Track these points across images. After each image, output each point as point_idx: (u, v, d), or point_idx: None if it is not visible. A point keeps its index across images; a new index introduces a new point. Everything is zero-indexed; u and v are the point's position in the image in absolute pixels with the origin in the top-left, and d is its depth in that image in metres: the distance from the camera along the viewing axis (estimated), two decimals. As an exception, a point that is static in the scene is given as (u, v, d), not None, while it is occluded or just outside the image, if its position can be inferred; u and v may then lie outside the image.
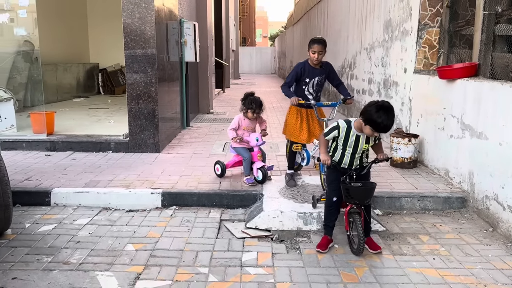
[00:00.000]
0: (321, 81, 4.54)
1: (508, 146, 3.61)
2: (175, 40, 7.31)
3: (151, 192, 4.35)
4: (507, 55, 4.09)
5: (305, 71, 4.47)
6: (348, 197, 3.28)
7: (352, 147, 3.30)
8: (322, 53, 4.38)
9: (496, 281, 2.95)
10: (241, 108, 4.74)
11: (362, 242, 3.22)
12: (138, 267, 3.11)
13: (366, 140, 3.29)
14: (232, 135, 4.69)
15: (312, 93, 4.53)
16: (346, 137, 3.30)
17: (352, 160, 3.35)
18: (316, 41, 4.38)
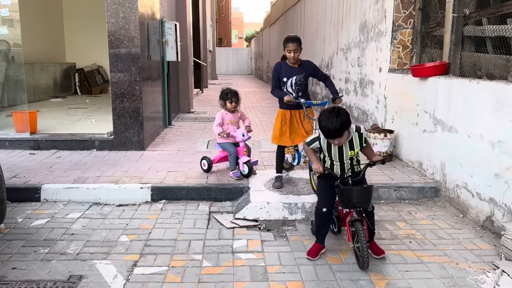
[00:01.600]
0: (300, 80, 4.42)
1: (476, 138, 3.92)
2: (157, 39, 7.42)
3: (141, 187, 4.48)
4: (474, 54, 4.41)
5: (282, 70, 4.44)
6: (346, 201, 3.07)
7: (337, 157, 3.16)
8: (297, 51, 4.31)
9: (466, 259, 3.24)
10: (220, 103, 4.93)
11: (366, 255, 2.95)
12: (134, 255, 3.25)
13: (350, 146, 3.14)
14: (218, 131, 4.85)
15: (291, 92, 4.43)
16: (328, 148, 3.18)
17: (343, 168, 3.20)
18: (290, 40, 4.34)
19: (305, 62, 4.52)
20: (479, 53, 4.34)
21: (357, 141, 3.16)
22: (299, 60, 4.45)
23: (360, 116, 7.41)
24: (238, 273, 3.03)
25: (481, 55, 4.28)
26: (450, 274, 3.02)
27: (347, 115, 3.00)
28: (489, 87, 3.71)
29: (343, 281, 2.93)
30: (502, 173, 3.53)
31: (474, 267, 3.12)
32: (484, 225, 3.79)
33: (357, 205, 3.08)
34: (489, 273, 3.02)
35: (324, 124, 2.98)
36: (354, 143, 3.15)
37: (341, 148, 3.14)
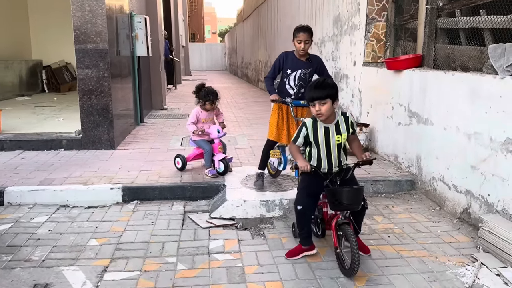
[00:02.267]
0: (305, 75, 4.07)
1: (452, 130, 3.91)
2: (126, 34, 7.16)
3: (111, 188, 4.29)
4: (448, 47, 4.41)
5: (287, 61, 4.08)
6: (336, 203, 2.87)
7: (324, 143, 3.00)
8: (308, 42, 3.96)
9: (445, 253, 3.21)
10: (197, 101, 4.77)
11: (358, 260, 2.72)
12: (104, 260, 3.08)
13: (336, 130, 3.01)
14: (192, 129, 4.71)
15: (293, 87, 4.09)
16: (315, 132, 3.01)
17: (330, 161, 3.04)
18: (301, 29, 3.96)
19: (313, 56, 4.18)
20: (453, 45, 4.34)
21: (344, 125, 3.04)
22: (308, 54, 4.11)
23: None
24: (214, 275, 2.91)
25: (455, 47, 4.28)
26: (430, 269, 2.98)
27: (335, 84, 3.01)
28: (465, 79, 3.70)
29: (323, 280, 2.85)
30: (479, 164, 3.53)
31: (453, 260, 3.09)
32: (461, 217, 3.79)
33: (348, 207, 2.88)
34: (468, 266, 3.00)
35: (309, 85, 3.00)
36: (341, 126, 3.03)
37: (328, 132, 3.00)
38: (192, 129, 4.70)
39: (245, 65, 21.14)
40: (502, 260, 2.96)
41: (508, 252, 2.91)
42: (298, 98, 4.10)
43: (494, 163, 3.33)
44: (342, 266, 2.90)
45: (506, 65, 3.10)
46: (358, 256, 2.72)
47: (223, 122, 4.91)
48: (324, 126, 3.01)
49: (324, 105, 2.90)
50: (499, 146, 3.28)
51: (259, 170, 4.37)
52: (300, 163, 2.97)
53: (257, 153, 5.74)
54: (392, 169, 4.94)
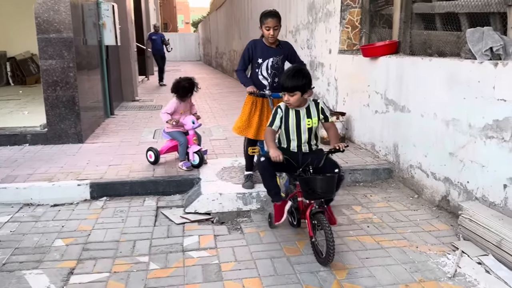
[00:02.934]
0: (277, 62, 3.88)
1: (429, 117, 3.86)
2: (93, 22, 6.85)
3: (78, 184, 4.06)
4: (424, 32, 4.34)
5: (257, 50, 3.86)
6: (309, 192, 2.86)
7: (295, 126, 3.08)
8: (278, 28, 3.74)
9: (426, 242, 3.16)
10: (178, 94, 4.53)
11: (332, 247, 2.67)
12: (70, 262, 2.89)
13: (307, 114, 3.09)
14: (166, 118, 4.50)
15: (266, 77, 3.89)
16: (286, 115, 3.08)
17: (299, 141, 3.11)
18: (269, 15, 3.72)
19: (284, 43, 3.99)
20: (429, 31, 4.28)
21: (315, 110, 3.11)
22: (277, 40, 3.89)
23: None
24: (189, 274, 2.76)
25: (431, 33, 4.21)
26: (411, 259, 2.92)
27: (307, 75, 3.00)
28: (442, 64, 3.64)
29: (302, 274, 2.74)
30: (457, 151, 3.48)
31: (434, 249, 3.04)
32: (440, 205, 3.75)
33: (322, 195, 2.86)
34: (449, 254, 2.95)
35: (284, 73, 2.99)
36: (312, 111, 3.10)
37: (298, 115, 3.05)
38: (166, 118, 4.50)
39: (220, 55, 20.84)
40: (483, 247, 2.93)
41: (488, 240, 2.87)
42: (273, 88, 3.90)
43: (473, 149, 3.29)
44: (318, 255, 2.86)
45: (485, 49, 3.04)
46: (333, 245, 2.67)
47: (196, 113, 4.74)
48: (296, 109, 3.09)
49: (293, 96, 2.98)
50: (478, 132, 3.23)
51: (246, 172, 4.10)
52: (272, 152, 2.94)
53: (232, 144, 5.60)
54: (369, 157, 4.88)
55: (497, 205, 3.07)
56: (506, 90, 2.94)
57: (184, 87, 4.48)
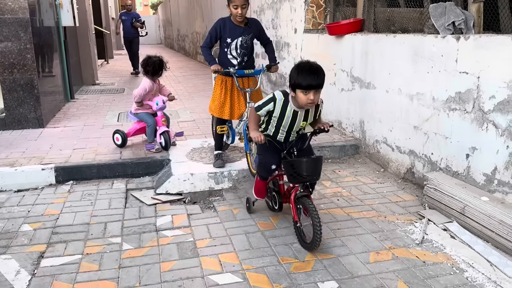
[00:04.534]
0: (246, 42, 3.78)
1: (394, 92, 3.96)
2: (49, 2, 6.53)
3: (42, 169, 3.92)
4: (388, 9, 4.42)
5: (225, 29, 3.73)
6: (294, 175, 2.70)
7: (288, 125, 2.82)
8: (245, 6, 3.62)
9: (393, 212, 3.28)
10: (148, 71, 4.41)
11: (319, 232, 2.57)
12: (40, 246, 2.81)
13: (304, 117, 2.80)
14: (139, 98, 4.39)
15: (236, 56, 3.79)
16: (282, 113, 2.76)
17: (288, 135, 2.90)
18: None
19: (252, 20, 3.85)
20: (392, 8, 4.36)
21: (313, 113, 2.82)
22: (246, 19, 3.77)
23: (278, 80, 7.30)
24: (164, 252, 2.74)
25: (395, 10, 4.30)
26: (380, 228, 3.02)
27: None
28: (406, 40, 3.73)
29: (277, 247, 2.79)
30: (422, 124, 3.61)
31: (402, 218, 3.16)
32: (405, 177, 3.89)
33: (307, 179, 2.72)
34: (417, 223, 3.08)
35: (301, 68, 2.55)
36: (310, 114, 2.80)
37: (295, 117, 2.77)
38: (139, 98, 4.38)
39: (182, 38, 20.44)
40: (447, 215, 3.07)
41: (452, 207, 3.01)
42: (242, 67, 3.81)
43: (437, 122, 3.42)
44: (302, 240, 2.76)
45: (447, 24, 3.13)
46: (320, 230, 2.58)
47: (171, 94, 4.68)
48: (295, 109, 2.74)
49: (318, 93, 2.59)
50: (441, 105, 3.35)
51: (216, 151, 4.05)
52: (253, 134, 2.76)
53: (200, 126, 5.55)
54: (336, 135, 4.97)
55: (460, 174, 3.22)
56: (468, 63, 3.06)
57: (155, 63, 4.38)
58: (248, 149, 3.77)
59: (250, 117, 2.87)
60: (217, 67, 3.69)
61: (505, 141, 2.81)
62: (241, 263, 2.61)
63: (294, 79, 2.57)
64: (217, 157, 3.99)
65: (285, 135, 2.89)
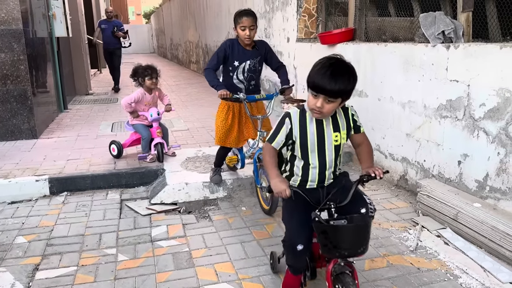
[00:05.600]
0: (254, 65, 3.49)
1: (386, 100, 4.01)
2: (42, 13, 6.54)
3: (36, 180, 3.91)
4: (378, 19, 4.49)
5: (233, 51, 3.44)
6: (330, 246, 1.90)
7: (316, 144, 2.05)
8: (254, 28, 3.36)
9: (387, 219, 3.30)
10: (136, 83, 4.44)
11: None
12: (34, 258, 2.79)
13: (334, 126, 2.06)
14: (127, 108, 4.38)
15: (242, 80, 3.51)
16: (302, 129, 2.05)
17: (322, 171, 2.09)
18: (244, 14, 3.33)
19: (260, 43, 3.56)
20: (383, 17, 4.42)
21: (343, 119, 2.09)
22: (253, 41, 3.48)
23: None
24: (160, 263, 2.74)
25: (385, 19, 4.36)
26: (375, 235, 3.04)
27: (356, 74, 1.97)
28: (397, 49, 3.78)
29: (273, 256, 2.80)
30: (414, 132, 3.65)
31: (396, 225, 3.19)
32: (399, 184, 3.92)
33: (349, 253, 1.90)
34: (410, 230, 3.11)
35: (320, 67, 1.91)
36: (340, 121, 2.08)
37: (321, 128, 2.04)
38: (127, 108, 4.37)
39: (175, 47, 20.49)
40: (441, 221, 3.10)
41: (446, 214, 3.04)
42: (249, 92, 3.51)
43: (429, 129, 3.46)
44: None
45: (437, 33, 3.19)
46: None
47: (170, 104, 4.65)
48: (316, 119, 2.04)
49: (330, 103, 1.92)
50: (432, 112, 3.40)
51: (215, 166, 3.85)
52: (275, 184, 1.93)
53: (195, 135, 5.57)
54: (330, 142, 5.00)
55: (452, 181, 3.26)
56: (458, 71, 3.11)
57: (143, 69, 4.37)
58: (259, 183, 3.45)
59: (265, 156, 2.10)
60: (225, 91, 3.29)
61: (496, 147, 2.86)
62: (237, 272, 2.61)
63: (309, 75, 1.95)
64: (215, 172, 3.81)
65: (318, 168, 2.08)
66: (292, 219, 2.09)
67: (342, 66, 1.93)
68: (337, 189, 2.09)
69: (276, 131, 2.10)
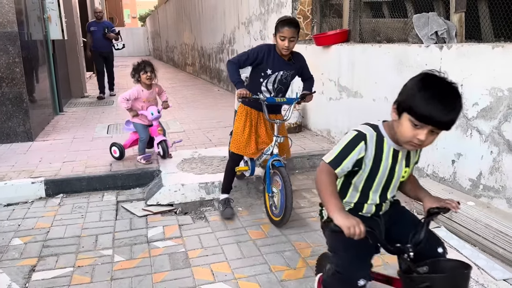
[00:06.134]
0: (286, 77, 3.26)
1: (381, 101, 4.04)
2: (37, 15, 6.54)
3: (32, 182, 3.90)
4: (373, 20, 4.53)
5: (269, 59, 3.18)
6: None
7: (384, 180, 1.74)
8: (294, 40, 3.11)
9: (382, 218, 3.33)
10: (135, 80, 4.41)
11: None
12: (31, 259, 2.79)
13: (406, 159, 1.74)
14: (124, 105, 4.31)
15: (270, 90, 3.26)
16: (377, 158, 1.69)
17: (383, 197, 1.79)
18: (286, 23, 3.08)
19: (297, 56, 3.33)
20: (377, 19, 4.46)
21: (415, 154, 1.80)
22: (291, 53, 3.24)
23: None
24: (156, 263, 2.75)
25: (380, 20, 4.40)
26: (370, 234, 3.06)
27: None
28: (391, 50, 3.82)
29: (269, 255, 2.81)
30: (408, 132, 3.67)
31: (391, 224, 3.21)
32: (394, 184, 3.95)
33: None
34: (405, 228, 3.13)
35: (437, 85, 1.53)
36: (411, 153, 1.76)
37: (395, 160, 1.71)
38: (124, 105, 4.31)
39: (171, 49, 20.51)
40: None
41: (439, 212, 3.06)
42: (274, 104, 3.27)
43: (423, 129, 3.49)
44: None
45: (431, 34, 3.22)
46: None
47: (166, 102, 4.56)
48: (395, 148, 1.70)
49: (434, 135, 1.59)
50: (426, 112, 3.43)
51: (223, 194, 3.51)
52: (343, 222, 1.50)
53: (191, 136, 5.58)
54: (325, 143, 5.03)
55: (446, 180, 3.28)
56: (451, 71, 3.14)
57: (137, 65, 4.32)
58: (270, 191, 3.21)
59: (322, 182, 1.67)
60: (245, 91, 3.07)
61: (489, 146, 2.89)
62: (233, 272, 2.62)
63: (409, 97, 1.56)
64: (225, 204, 3.44)
65: (378, 198, 1.78)
66: (350, 248, 1.70)
67: (451, 89, 1.54)
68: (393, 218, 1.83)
69: (343, 154, 1.66)
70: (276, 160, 3.13)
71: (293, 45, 3.14)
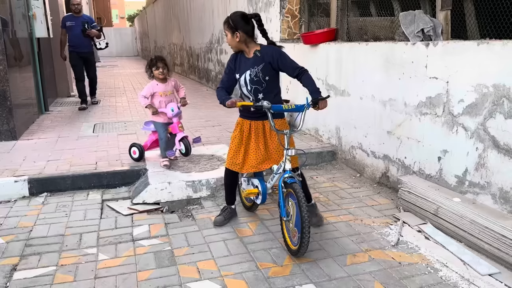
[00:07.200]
0: (256, 75, 2.91)
1: (368, 99, 4.05)
2: (21, 13, 6.44)
3: (15, 181, 3.83)
4: (360, 19, 4.54)
5: (236, 64, 3.01)
6: None
7: None
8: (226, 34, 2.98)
9: (369, 215, 3.33)
10: (149, 74, 4.22)
11: None
12: (12, 258, 2.73)
13: None
14: (144, 102, 4.13)
15: (247, 95, 3.00)
16: None
17: None
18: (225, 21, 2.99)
19: (265, 48, 2.98)
20: (364, 17, 4.47)
21: None
22: (255, 47, 2.98)
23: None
24: (141, 261, 2.71)
25: (367, 19, 4.41)
26: (356, 231, 3.06)
27: None
28: (378, 48, 3.83)
29: (256, 252, 2.79)
30: (395, 130, 3.69)
31: (378, 221, 3.21)
32: (380, 181, 3.96)
33: None
34: (392, 225, 3.14)
35: None
36: None
37: None
38: (144, 102, 4.14)
39: (159, 50, 20.37)
40: (422, 217, 3.14)
41: (426, 209, 3.08)
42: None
43: (409, 126, 3.50)
44: None
45: (417, 31, 3.24)
46: None
47: (184, 98, 4.31)
48: None
49: None
50: (413, 110, 3.44)
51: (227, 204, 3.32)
52: None
53: (178, 135, 5.52)
54: (314, 142, 5.03)
55: (433, 177, 3.30)
56: (437, 68, 3.16)
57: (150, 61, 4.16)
58: (284, 214, 2.78)
59: None
60: (233, 100, 2.82)
61: (474, 143, 2.90)
62: (219, 270, 2.60)
63: None
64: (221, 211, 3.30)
65: None
66: None
67: None
68: None
69: None
70: (289, 177, 2.73)
71: (229, 40, 2.97)
